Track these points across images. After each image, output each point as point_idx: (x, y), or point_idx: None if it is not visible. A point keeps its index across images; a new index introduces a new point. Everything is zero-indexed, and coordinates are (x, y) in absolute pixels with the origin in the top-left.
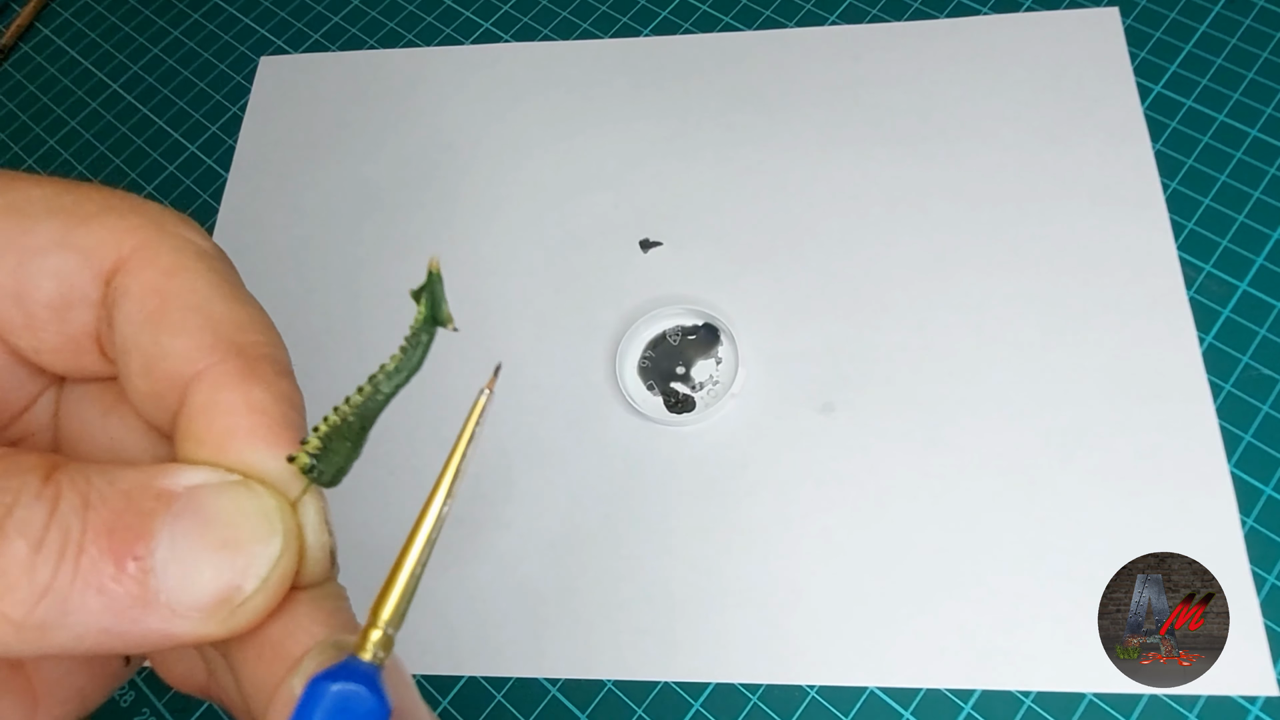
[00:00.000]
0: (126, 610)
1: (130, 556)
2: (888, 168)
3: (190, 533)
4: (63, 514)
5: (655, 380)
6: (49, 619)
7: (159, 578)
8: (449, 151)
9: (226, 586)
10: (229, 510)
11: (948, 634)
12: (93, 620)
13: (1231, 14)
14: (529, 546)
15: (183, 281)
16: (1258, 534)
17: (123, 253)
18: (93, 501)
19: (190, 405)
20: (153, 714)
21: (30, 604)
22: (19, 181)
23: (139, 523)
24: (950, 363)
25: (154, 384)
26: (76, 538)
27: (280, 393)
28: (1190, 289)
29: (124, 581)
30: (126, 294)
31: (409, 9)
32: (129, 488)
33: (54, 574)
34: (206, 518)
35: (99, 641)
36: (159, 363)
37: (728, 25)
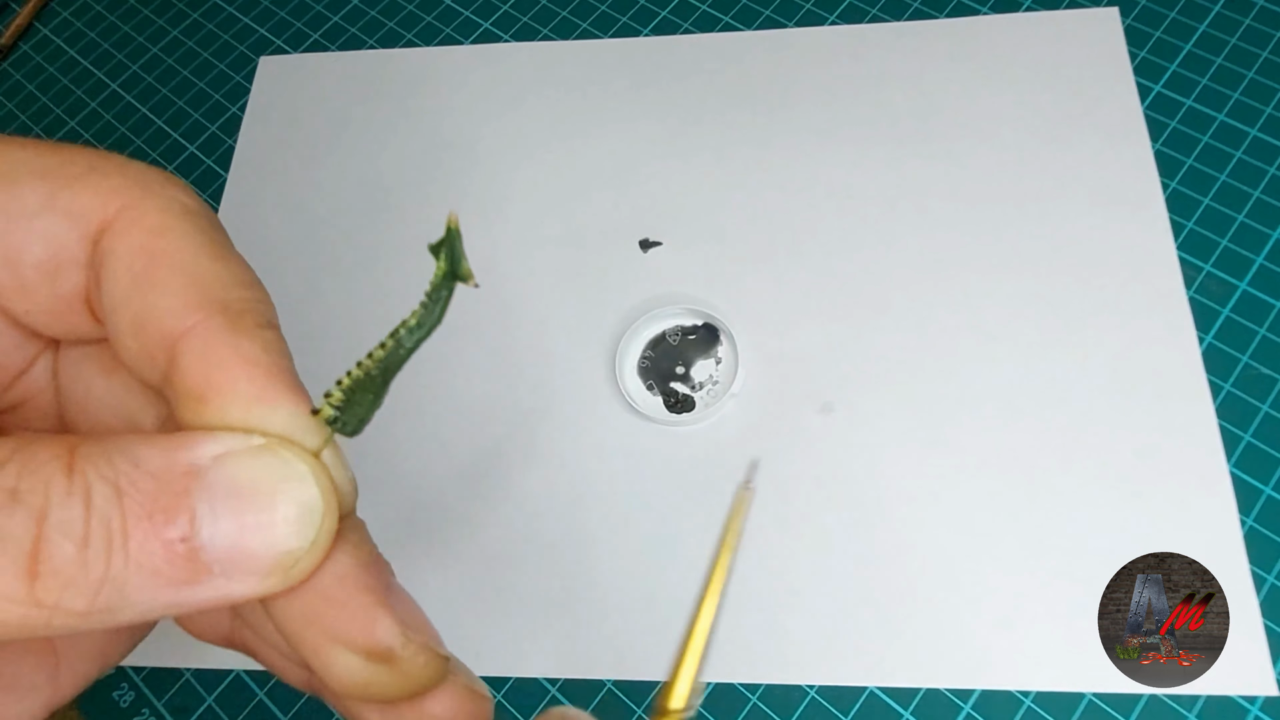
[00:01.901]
0: (183, 584)
1: (176, 537)
2: (888, 167)
3: (229, 504)
4: (99, 507)
5: (655, 380)
6: (111, 604)
7: (209, 551)
8: (449, 151)
9: (278, 552)
10: (263, 477)
11: (948, 634)
12: (152, 598)
13: (1231, 13)
14: (529, 546)
15: (169, 241)
16: (1257, 534)
17: (109, 213)
18: (124, 488)
19: (182, 364)
20: (152, 714)
21: (91, 596)
22: (3, 145)
23: (177, 503)
24: (950, 363)
25: (143, 343)
26: (119, 527)
27: (269, 344)
28: (1190, 289)
29: (175, 561)
30: (113, 254)
31: (409, 9)
32: (156, 469)
33: (107, 565)
34: (241, 488)
35: (164, 612)
36: (146, 322)
37: (727, 25)
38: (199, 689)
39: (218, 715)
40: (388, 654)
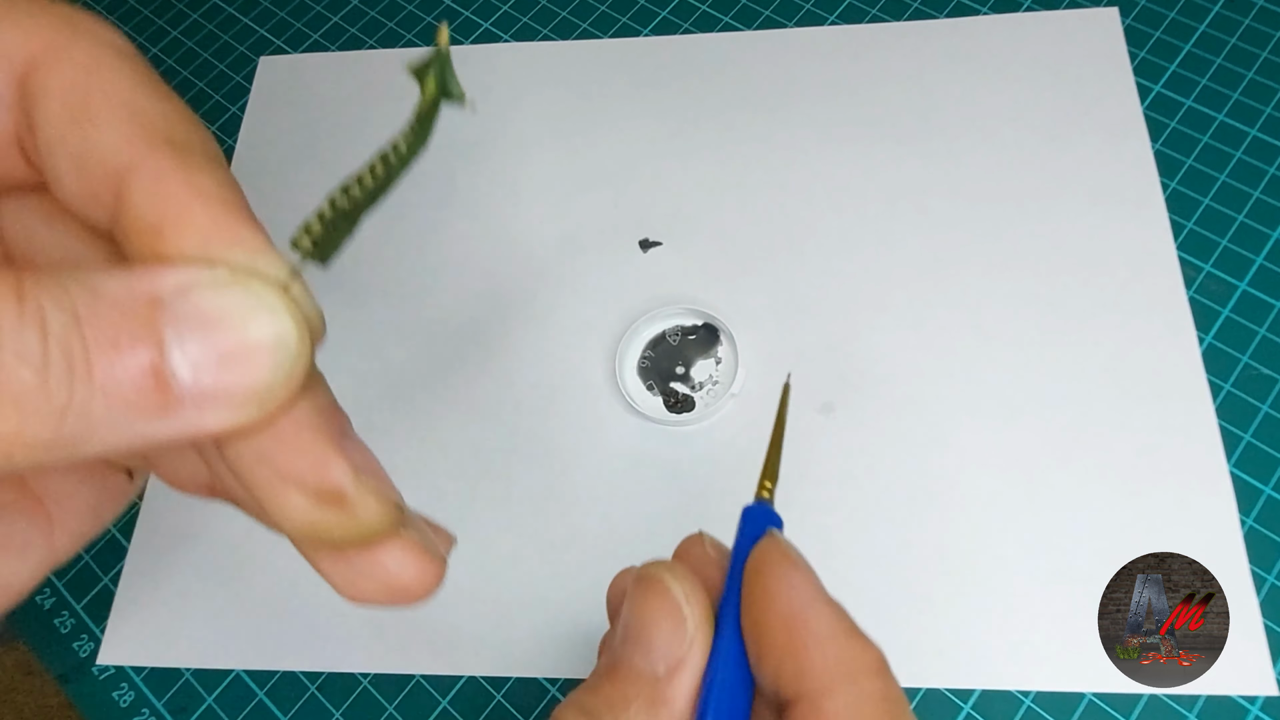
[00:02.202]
0: (153, 415)
1: (145, 365)
2: (887, 167)
3: (199, 334)
4: (56, 334)
5: (655, 380)
6: (77, 433)
7: (180, 381)
8: (449, 151)
9: (254, 383)
10: (232, 308)
11: (948, 634)
12: (122, 428)
13: (1231, 14)
14: (529, 546)
15: (104, 77)
16: (1257, 534)
17: (34, 51)
18: (83, 315)
19: (131, 199)
20: (152, 714)
21: (55, 423)
22: None
23: (142, 330)
24: (950, 363)
25: (86, 183)
26: (81, 355)
27: (220, 178)
28: (1190, 289)
29: (145, 391)
30: (46, 93)
31: (409, 9)
32: (116, 297)
33: (70, 392)
34: (210, 318)
35: (133, 445)
36: (88, 159)
37: (727, 25)
38: (199, 689)
39: (218, 715)
40: (338, 496)
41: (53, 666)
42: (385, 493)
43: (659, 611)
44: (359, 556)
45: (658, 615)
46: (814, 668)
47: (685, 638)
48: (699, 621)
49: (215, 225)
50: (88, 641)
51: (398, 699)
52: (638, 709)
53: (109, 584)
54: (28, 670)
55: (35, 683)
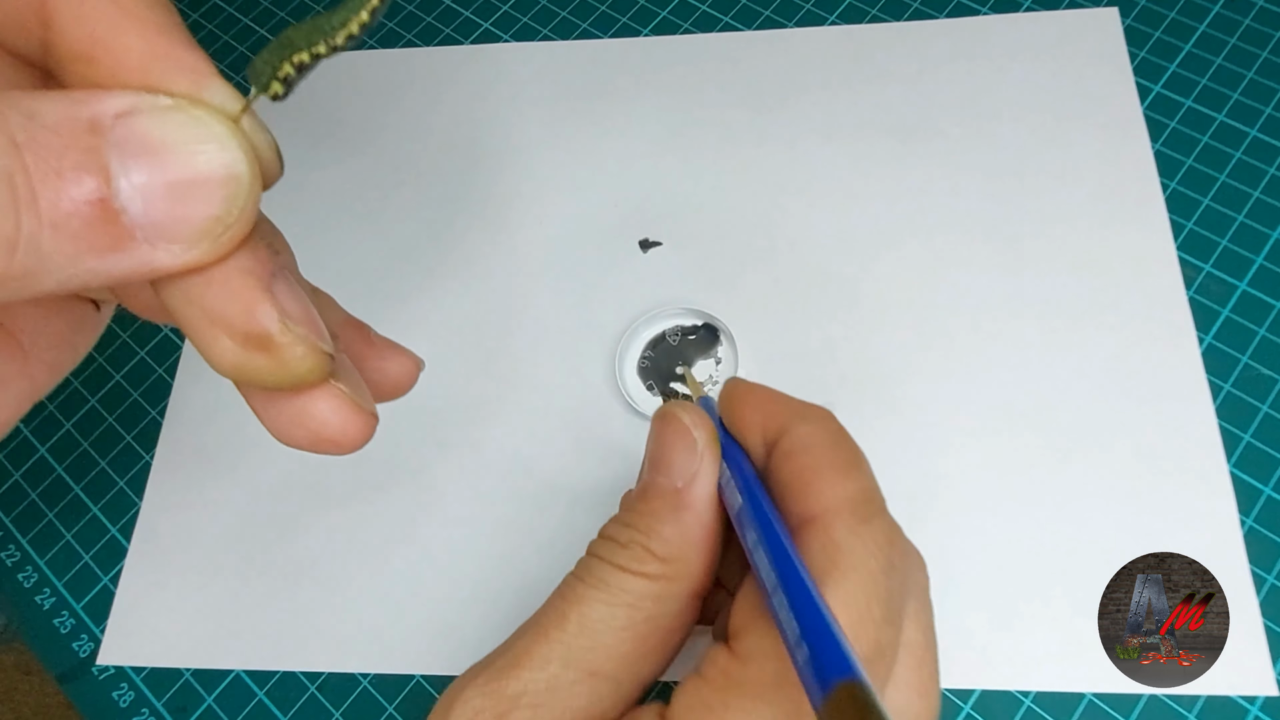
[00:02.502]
0: (105, 249)
1: (90, 196)
2: (887, 167)
3: (144, 162)
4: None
5: (655, 380)
6: (30, 267)
7: (130, 215)
8: (448, 151)
9: (207, 216)
10: (176, 135)
11: (948, 634)
12: (74, 263)
13: (1231, 14)
14: (529, 546)
15: None
16: (1257, 534)
17: None
18: (21, 142)
19: (57, 24)
20: (152, 714)
21: (5, 256)
22: None
23: (85, 159)
24: (949, 362)
25: (6, 8)
26: (24, 184)
27: (167, 5)
28: (1190, 289)
29: (94, 224)
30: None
31: (409, 9)
32: (55, 122)
33: (17, 224)
34: (154, 145)
35: (86, 281)
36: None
37: (727, 25)
38: (199, 689)
39: (218, 715)
40: (264, 340)
41: (52, 666)
42: (313, 341)
43: (674, 437)
44: (288, 402)
45: (674, 439)
46: (784, 415)
47: (696, 454)
48: (706, 441)
49: (151, 50)
50: (88, 641)
51: (398, 699)
52: (663, 514)
53: (109, 584)
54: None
55: (35, 683)
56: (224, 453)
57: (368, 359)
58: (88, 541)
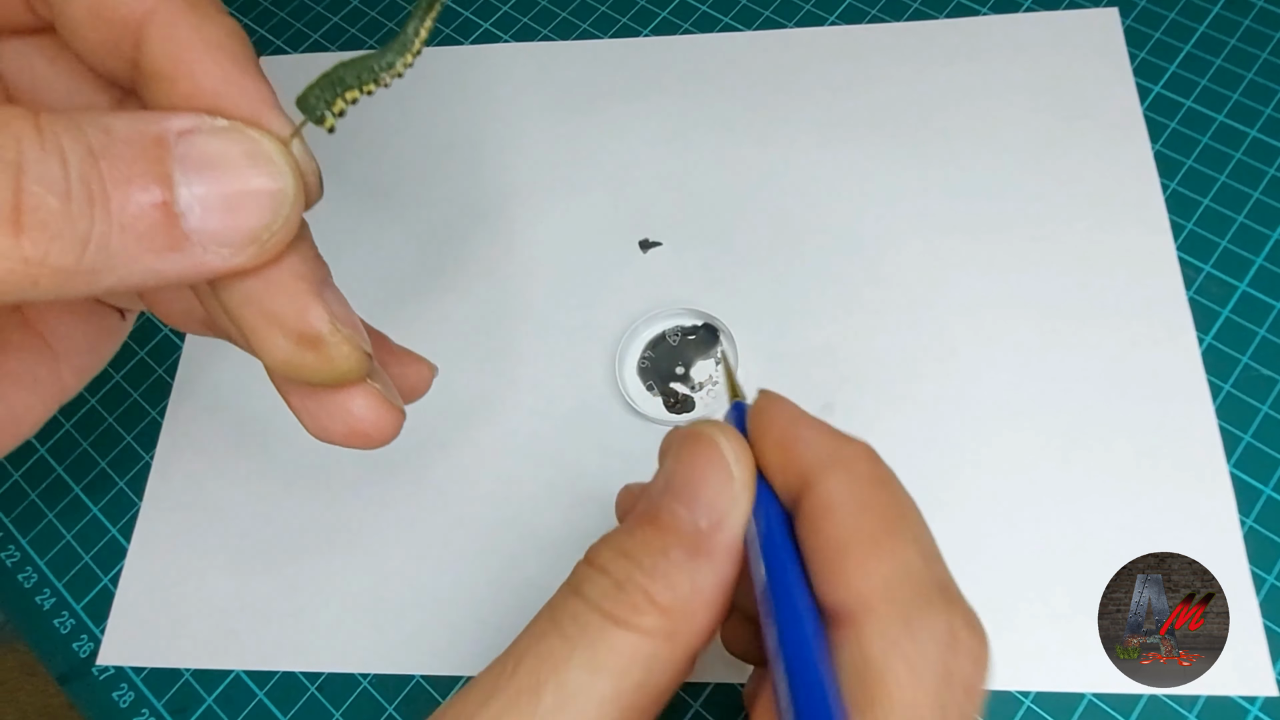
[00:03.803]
0: (164, 250)
1: (156, 201)
2: (887, 168)
3: (203, 174)
4: (75, 166)
5: (655, 380)
6: (97, 264)
7: (188, 219)
8: (448, 151)
9: (255, 225)
10: (232, 152)
11: None
12: (135, 262)
13: (1231, 14)
14: (529, 546)
15: None
16: (1257, 534)
17: None
18: (98, 151)
19: (148, 49)
20: (152, 714)
21: (78, 252)
22: None
23: (152, 169)
24: (950, 363)
25: (103, 30)
26: (99, 187)
27: (230, 29)
28: (1190, 289)
29: (156, 226)
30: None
31: (408, 9)
32: (127, 136)
33: (91, 222)
34: (212, 160)
35: (143, 280)
36: (103, 7)
37: (727, 25)
38: (199, 689)
39: (218, 715)
40: (315, 339)
41: (53, 667)
42: (357, 342)
43: (708, 466)
44: (328, 397)
45: (707, 470)
46: (807, 460)
47: (731, 494)
48: (745, 482)
49: (224, 77)
50: (88, 642)
51: (398, 699)
52: (677, 557)
53: (109, 584)
54: (28, 670)
55: (35, 683)
56: (224, 453)
57: (388, 365)
58: (88, 541)
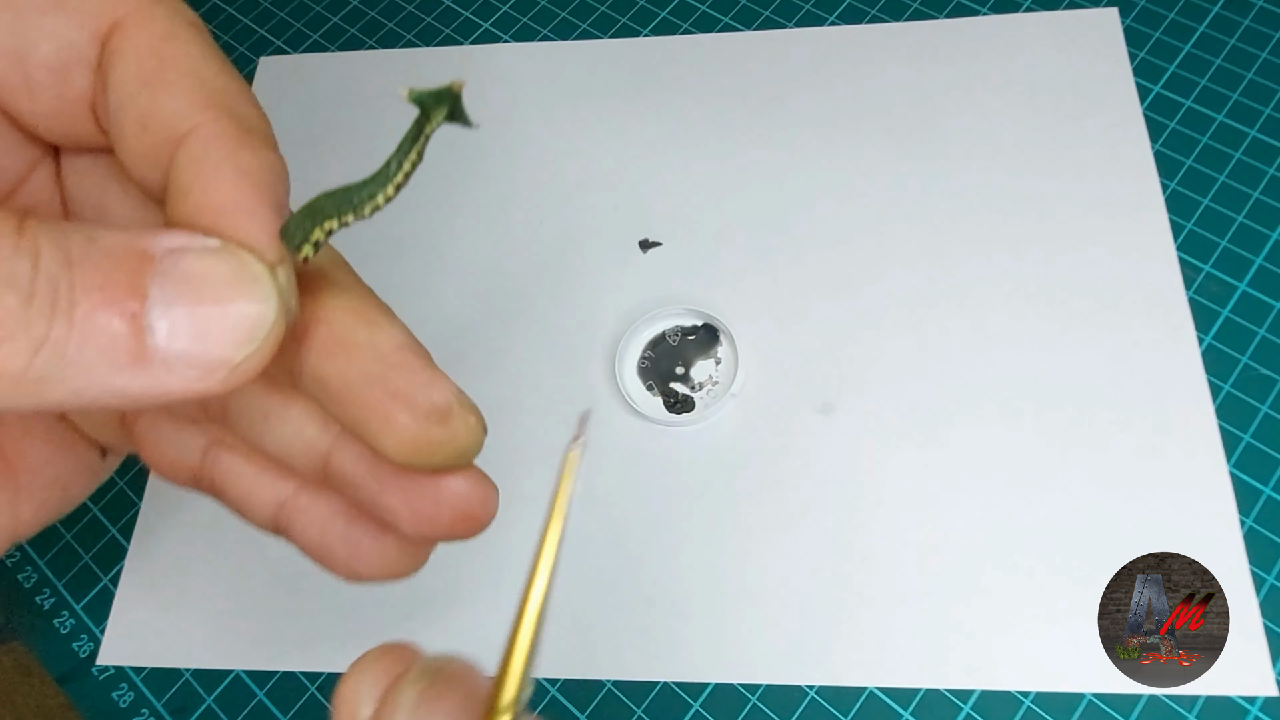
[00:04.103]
0: (124, 366)
1: (124, 313)
2: (887, 168)
3: (182, 292)
4: (46, 268)
5: (655, 380)
6: (47, 372)
7: (154, 335)
8: (448, 151)
9: (228, 350)
10: (218, 274)
11: (948, 634)
12: (90, 375)
13: (1230, 14)
14: (528, 547)
15: (178, 46)
16: (1257, 534)
17: (118, 15)
18: (75, 258)
19: (180, 159)
20: (152, 714)
21: (28, 355)
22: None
23: (128, 280)
24: (950, 363)
25: (147, 142)
26: (66, 292)
27: (267, 162)
28: (1190, 289)
29: (120, 337)
30: (122, 55)
31: (408, 9)
32: (110, 247)
33: (49, 326)
34: (196, 280)
35: (96, 397)
36: (151, 120)
37: (727, 25)
38: (199, 689)
39: (217, 715)
40: (444, 413)
41: (52, 667)
42: (479, 411)
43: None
44: (430, 483)
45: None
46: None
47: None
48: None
49: (236, 199)
50: (87, 642)
51: None
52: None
53: (109, 584)
54: (27, 670)
55: (35, 683)
56: None
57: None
58: (88, 541)
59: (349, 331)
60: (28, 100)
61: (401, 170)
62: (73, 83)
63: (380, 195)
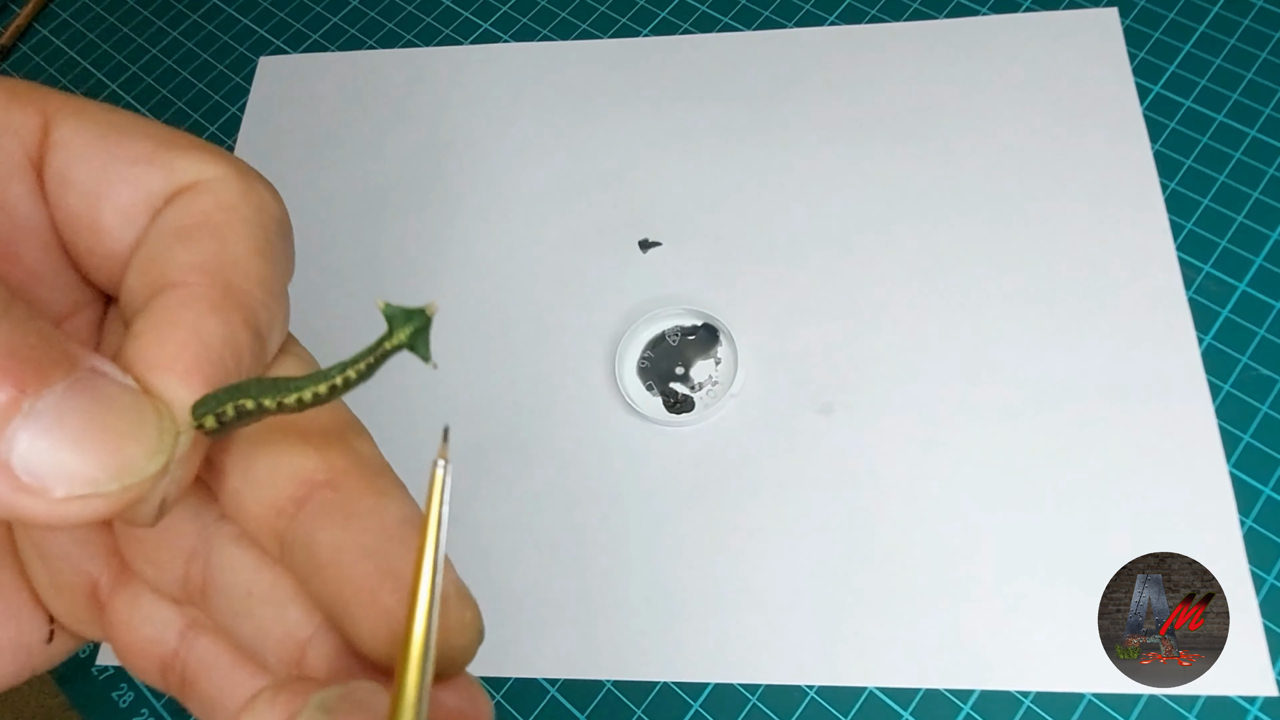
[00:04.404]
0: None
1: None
2: (887, 168)
3: (77, 409)
4: None
5: (654, 380)
6: None
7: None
8: (448, 151)
9: (92, 479)
10: (123, 405)
11: (947, 634)
12: None
13: (1230, 14)
14: (528, 546)
15: (228, 219)
16: (1256, 534)
17: (202, 178)
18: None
19: (152, 304)
20: (152, 714)
21: None
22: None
23: (25, 372)
24: (949, 363)
25: (139, 281)
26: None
27: (235, 341)
28: (1189, 289)
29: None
30: (176, 209)
31: (408, 9)
32: (42, 332)
33: None
34: (99, 400)
35: None
36: (153, 265)
37: (727, 25)
38: None
39: None
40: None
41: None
42: (477, 606)
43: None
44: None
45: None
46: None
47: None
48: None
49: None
50: None
51: None
52: None
53: None
54: None
55: (34, 683)
56: None
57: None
58: None
59: (353, 498)
60: (90, 240)
61: (342, 374)
62: (136, 230)
63: (309, 390)
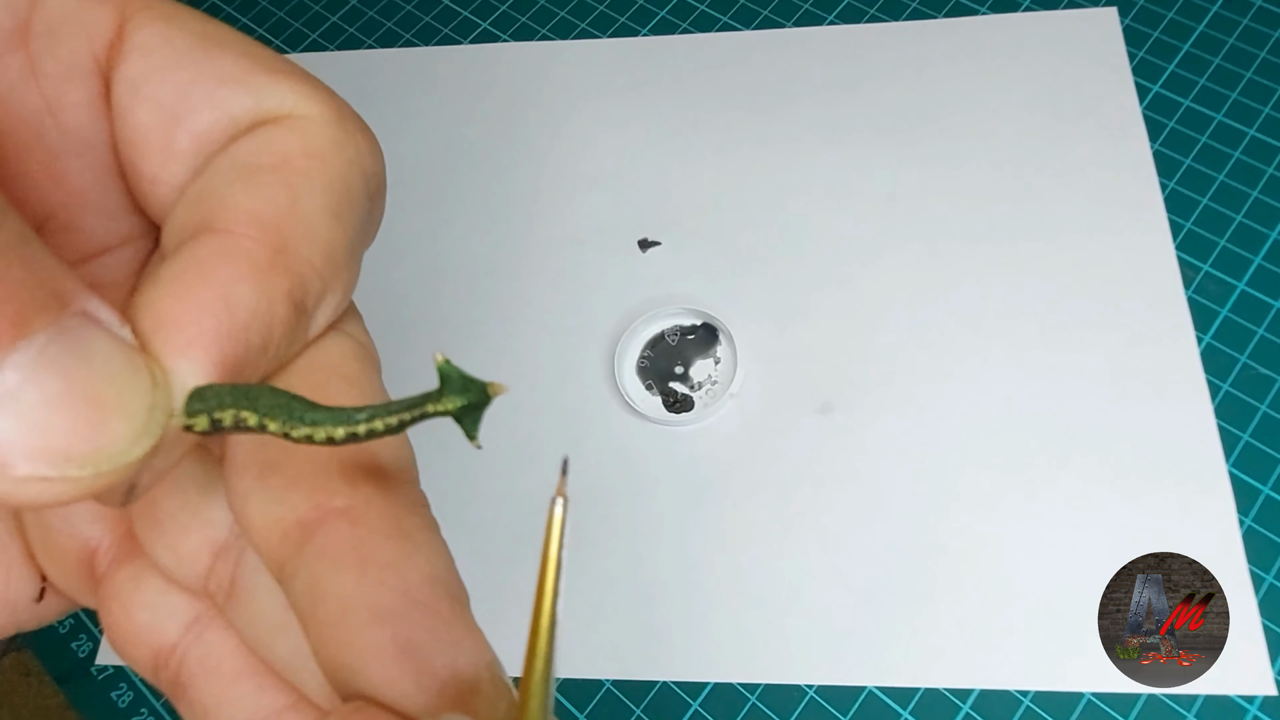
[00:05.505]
0: None
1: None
2: (886, 167)
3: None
4: None
5: (654, 380)
6: None
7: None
8: (447, 151)
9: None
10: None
11: (947, 634)
12: None
13: (1229, 14)
14: (528, 546)
15: (309, 166)
16: (1256, 534)
17: (284, 110)
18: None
19: (183, 250)
20: (151, 714)
21: None
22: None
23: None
24: (949, 363)
25: (185, 219)
26: None
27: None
28: (1189, 289)
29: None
30: (251, 141)
31: (407, 9)
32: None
33: None
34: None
35: None
36: (207, 202)
37: (726, 25)
38: None
39: None
40: (467, 688)
41: (51, 667)
42: (512, 694)
43: None
44: None
45: None
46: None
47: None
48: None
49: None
50: (86, 641)
51: None
52: None
53: None
54: (26, 671)
55: (34, 683)
56: None
57: None
58: None
59: (373, 541)
60: (157, 164)
61: (368, 424)
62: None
63: (323, 431)
